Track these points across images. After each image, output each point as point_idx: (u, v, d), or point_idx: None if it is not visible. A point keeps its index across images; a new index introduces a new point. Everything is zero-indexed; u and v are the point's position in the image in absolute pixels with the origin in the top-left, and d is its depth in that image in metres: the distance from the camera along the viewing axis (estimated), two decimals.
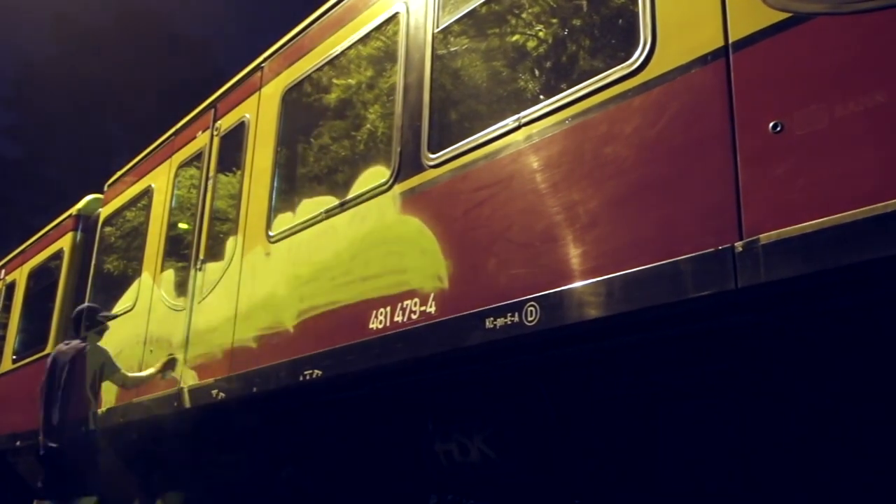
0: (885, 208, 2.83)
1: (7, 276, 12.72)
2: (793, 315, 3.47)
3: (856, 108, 3.02)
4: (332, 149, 6.08)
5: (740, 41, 3.44)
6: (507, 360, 4.51)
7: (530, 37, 4.70)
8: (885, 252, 2.81)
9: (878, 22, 3.05)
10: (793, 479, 3.85)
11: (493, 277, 4.33)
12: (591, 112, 4.03)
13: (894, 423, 3.53)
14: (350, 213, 5.50)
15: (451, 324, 4.47)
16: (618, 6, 4.23)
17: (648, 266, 3.55)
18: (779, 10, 3.32)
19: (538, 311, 3.99)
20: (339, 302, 5.36)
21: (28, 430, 10.02)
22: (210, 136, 7.78)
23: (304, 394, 5.80)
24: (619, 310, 3.64)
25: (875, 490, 3.65)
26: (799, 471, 3.82)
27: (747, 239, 3.21)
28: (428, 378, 4.98)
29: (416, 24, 5.40)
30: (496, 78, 4.82)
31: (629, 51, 3.94)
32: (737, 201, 3.29)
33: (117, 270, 9.19)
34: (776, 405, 3.86)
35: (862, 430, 3.63)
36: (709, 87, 3.52)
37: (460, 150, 4.73)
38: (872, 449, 3.61)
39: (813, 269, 3.00)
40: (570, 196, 4.02)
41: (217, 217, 7.26)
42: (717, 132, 3.42)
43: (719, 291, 3.28)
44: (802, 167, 3.12)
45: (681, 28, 3.72)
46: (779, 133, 3.21)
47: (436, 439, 5.21)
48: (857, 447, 3.66)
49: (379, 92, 5.76)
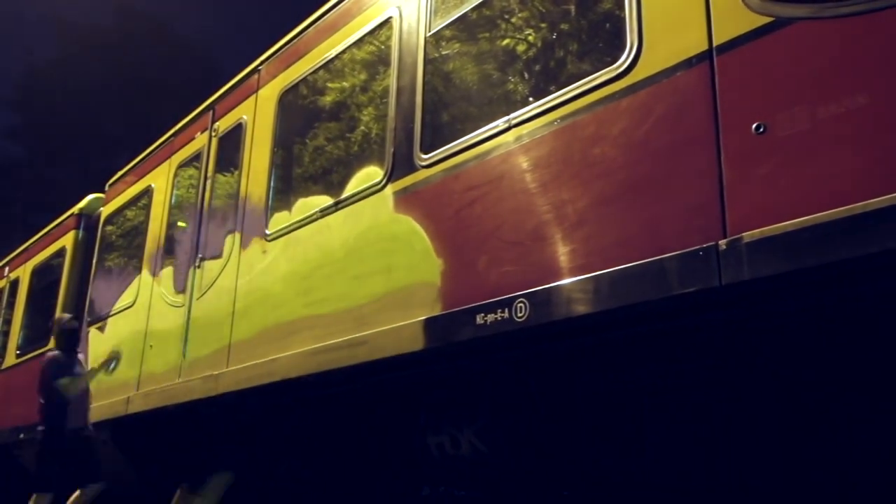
0: (864, 207, 2.83)
1: (11, 273, 12.69)
2: (775, 311, 3.47)
3: (836, 111, 3.02)
4: (328, 149, 6.06)
5: (724, 45, 3.44)
6: (497, 356, 4.49)
7: (520, 41, 4.68)
8: (865, 250, 2.81)
9: (858, 26, 3.04)
10: (775, 473, 3.85)
11: (483, 274, 4.32)
12: (580, 114, 4.02)
13: (877, 417, 3.53)
14: (345, 211, 5.48)
15: (443, 320, 4.46)
16: (605, 11, 4.22)
17: (635, 263, 3.54)
18: (761, 14, 3.32)
19: (527, 308, 3.98)
20: (334, 298, 5.35)
21: (31, 424, 10.02)
22: (208, 137, 7.75)
23: (301, 388, 5.78)
24: (606, 306, 3.63)
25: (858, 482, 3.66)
26: (782, 464, 3.82)
27: (731, 237, 3.20)
28: (420, 373, 4.97)
29: (408, 28, 5.39)
30: (487, 80, 4.81)
31: (616, 54, 3.94)
32: (721, 201, 3.29)
33: (118, 268, 9.16)
34: (759, 399, 3.86)
35: (844, 423, 3.64)
36: (693, 89, 3.51)
37: (452, 151, 4.73)
38: (855, 442, 3.61)
39: (795, 266, 2.99)
40: (559, 195, 4.01)
41: (215, 216, 7.24)
42: (702, 133, 3.42)
43: (703, 288, 3.27)
44: (784, 168, 3.11)
45: (666, 32, 3.71)
46: (762, 134, 3.20)
47: (428, 432, 5.20)
48: (840, 440, 3.66)
49: (373, 94, 5.75)
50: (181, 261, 7.61)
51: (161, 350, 7.43)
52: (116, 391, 8.01)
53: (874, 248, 2.79)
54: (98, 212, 10.39)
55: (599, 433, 4.56)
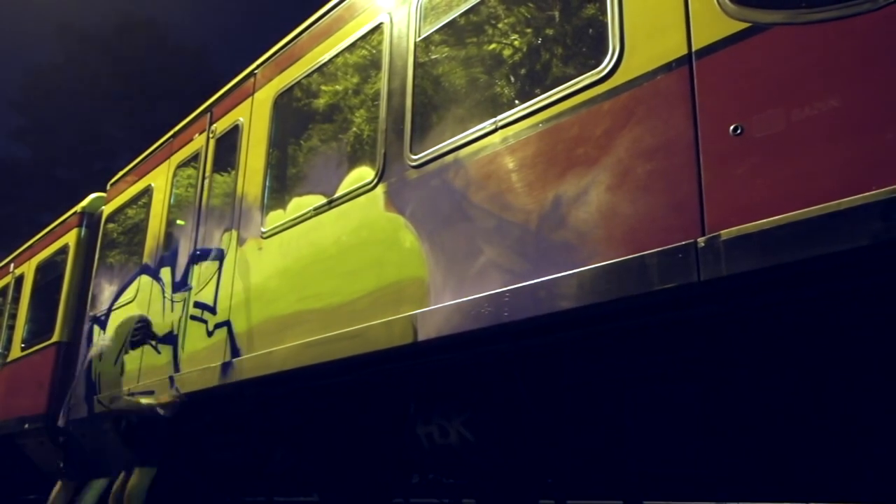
0: (837, 206, 2.83)
1: (16, 269, 12.62)
2: (752, 306, 3.45)
3: (811, 112, 3.01)
4: (321, 150, 6.03)
5: (703, 49, 3.43)
6: (484, 349, 4.47)
7: (506, 45, 4.66)
8: (838, 247, 2.80)
9: (831, 32, 3.03)
10: (752, 460, 3.84)
11: (471, 271, 4.30)
12: (564, 116, 4.00)
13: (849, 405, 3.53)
14: (337, 210, 5.46)
15: (431, 315, 4.43)
16: (588, 16, 4.20)
17: (617, 260, 3.52)
18: (739, 20, 3.31)
19: (513, 302, 3.96)
20: (327, 294, 5.32)
21: (35, 415, 9.96)
22: (206, 138, 7.72)
23: (295, 380, 5.75)
24: (589, 301, 3.61)
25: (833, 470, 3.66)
26: (758, 452, 3.82)
27: (709, 235, 3.19)
28: (409, 365, 4.95)
29: (399, 33, 5.37)
30: (474, 84, 4.79)
31: (599, 58, 3.92)
32: (700, 199, 3.27)
33: (119, 264, 9.12)
34: (737, 390, 3.86)
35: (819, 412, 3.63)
36: (673, 92, 3.49)
37: (441, 152, 4.71)
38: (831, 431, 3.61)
39: (771, 262, 2.98)
40: (544, 194, 3.99)
41: (213, 214, 7.20)
42: (682, 135, 3.40)
43: (683, 284, 3.26)
44: (761, 168, 3.10)
45: (647, 37, 3.70)
46: (739, 135, 3.19)
47: (417, 422, 5.18)
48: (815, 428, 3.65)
49: (364, 97, 5.72)
50: (180, 257, 7.57)
51: (161, 344, 7.39)
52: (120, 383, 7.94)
53: (846, 245, 2.79)
54: (100, 210, 10.37)
55: (582, 423, 4.55)
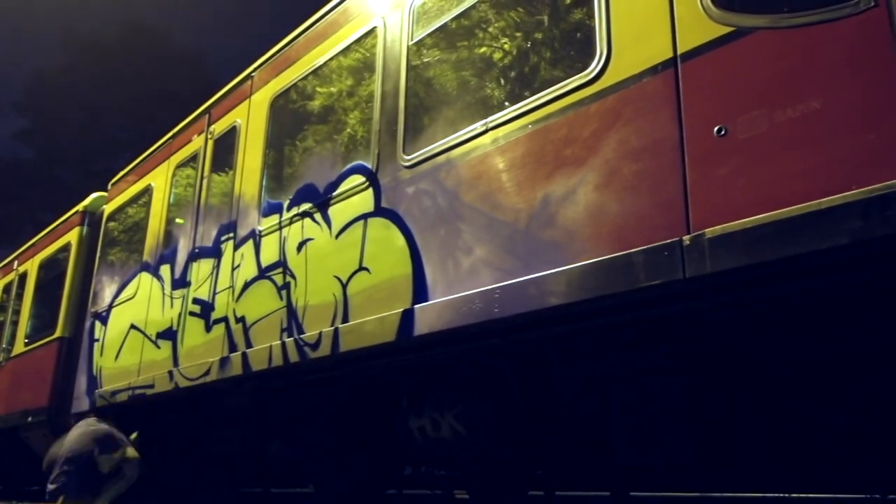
0: (818, 205, 2.83)
1: (20, 266, 12.56)
2: (736, 302, 3.44)
3: (792, 114, 3.01)
4: (316, 151, 6.00)
5: (688, 53, 3.42)
6: (475, 344, 4.45)
7: (496, 49, 4.64)
8: (819, 245, 2.80)
9: (812, 36, 3.02)
10: (737, 452, 3.83)
11: (461, 268, 4.28)
12: (552, 117, 3.99)
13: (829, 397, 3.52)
14: (332, 209, 5.43)
15: (424, 311, 4.41)
16: (576, 21, 4.18)
17: (604, 258, 3.51)
18: (723, 24, 3.31)
19: (504, 299, 3.94)
20: (323, 290, 5.30)
21: (38, 408, 9.92)
22: (205, 139, 7.69)
23: (292, 373, 5.73)
24: (578, 297, 3.60)
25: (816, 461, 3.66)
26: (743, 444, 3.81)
27: (694, 233, 3.18)
28: (402, 360, 4.93)
29: (392, 37, 5.35)
30: (465, 86, 4.77)
31: (586, 61, 3.91)
32: (685, 199, 3.26)
33: (120, 262, 9.07)
34: (722, 383, 3.85)
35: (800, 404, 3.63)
36: (659, 94, 3.48)
37: (433, 152, 4.69)
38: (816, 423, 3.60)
39: (753, 260, 2.98)
40: (533, 194, 3.97)
41: (211, 213, 7.17)
42: (667, 136, 3.39)
43: (669, 281, 3.25)
44: (744, 168, 3.09)
45: (633, 41, 3.69)
46: (723, 137, 3.18)
47: (410, 415, 5.16)
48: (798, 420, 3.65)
49: (358, 99, 5.70)
50: (179, 255, 7.54)
51: (159, 339, 7.36)
52: (120, 377, 7.94)
53: (827, 244, 2.78)
54: (101, 209, 10.34)
55: (571, 416, 4.53)
